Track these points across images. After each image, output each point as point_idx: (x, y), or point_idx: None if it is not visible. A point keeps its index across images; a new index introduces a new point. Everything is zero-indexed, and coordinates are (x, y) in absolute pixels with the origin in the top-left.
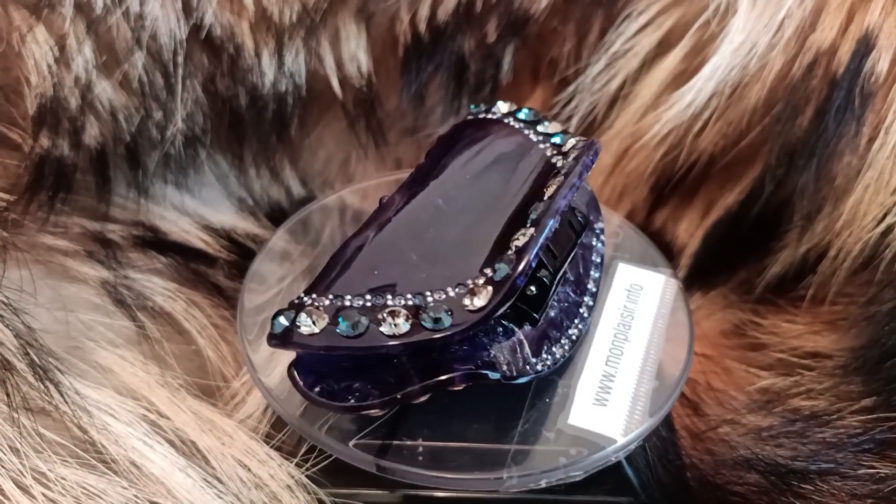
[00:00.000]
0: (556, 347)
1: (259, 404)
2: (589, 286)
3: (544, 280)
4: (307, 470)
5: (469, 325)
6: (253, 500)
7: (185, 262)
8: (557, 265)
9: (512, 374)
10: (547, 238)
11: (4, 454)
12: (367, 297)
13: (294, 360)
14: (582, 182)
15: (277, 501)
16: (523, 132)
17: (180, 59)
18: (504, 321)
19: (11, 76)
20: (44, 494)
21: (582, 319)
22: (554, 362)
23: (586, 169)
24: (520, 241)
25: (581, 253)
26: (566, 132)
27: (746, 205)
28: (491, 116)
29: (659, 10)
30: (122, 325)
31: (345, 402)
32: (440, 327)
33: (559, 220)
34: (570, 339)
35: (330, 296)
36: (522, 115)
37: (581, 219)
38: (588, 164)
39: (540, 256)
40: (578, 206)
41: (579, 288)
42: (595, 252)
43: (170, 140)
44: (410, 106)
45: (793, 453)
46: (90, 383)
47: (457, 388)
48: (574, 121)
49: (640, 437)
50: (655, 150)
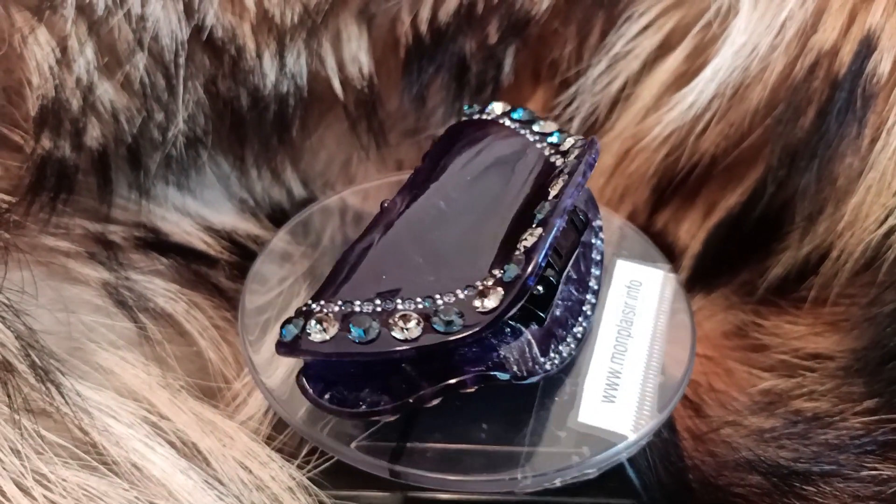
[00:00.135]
0: (562, 346)
1: (260, 406)
2: (591, 284)
3: (551, 279)
4: (308, 472)
5: (482, 327)
6: (254, 502)
7: (187, 263)
8: (562, 264)
9: (522, 375)
10: (555, 238)
11: (5, 456)
12: (377, 301)
13: (302, 369)
14: (586, 180)
15: (278, 503)
16: (519, 132)
17: (182, 61)
18: (511, 321)
19: (13, 77)
20: (45, 496)
21: (585, 317)
22: (561, 361)
23: (589, 167)
24: (528, 241)
25: (582, 251)
26: (562, 131)
27: (748, 206)
28: (486, 117)
29: (660, 12)
30: (123, 327)
31: (356, 409)
32: (452, 330)
33: (566, 220)
34: (576, 338)
35: (339, 302)
36: (517, 115)
37: (583, 217)
38: (591, 162)
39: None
40: (578, 204)
41: (582, 286)
42: (595, 250)
43: (171, 141)
44: (412, 107)
45: (795, 455)
46: (91, 385)
47: (469, 390)
48: (575, 122)
49: (651, 433)
50: (657, 152)
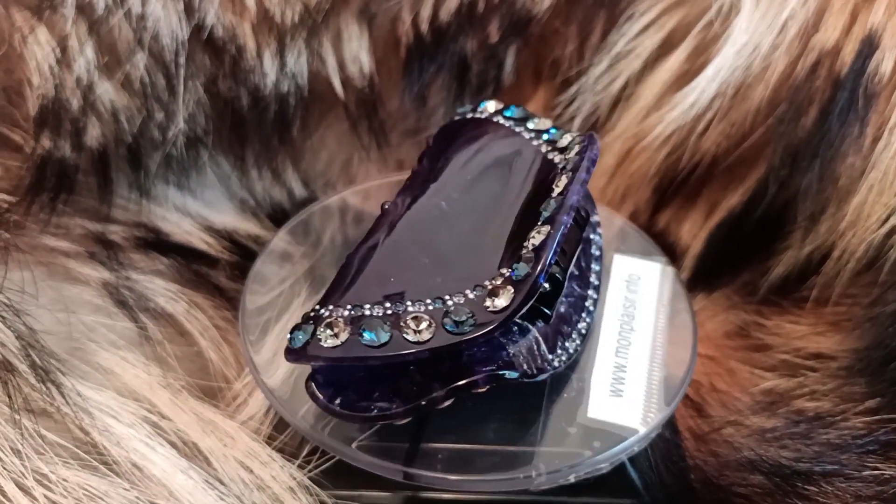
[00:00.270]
0: (568, 342)
1: (261, 406)
2: (591, 279)
3: (556, 276)
4: (309, 472)
5: (494, 327)
6: (255, 502)
7: (187, 263)
8: (567, 260)
9: (532, 372)
10: (563, 235)
11: (6, 456)
12: (386, 304)
13: (310, 375)
14: (590, 176)
15: (279, 503)
16: (514, 130)
17: (182, 60)
18: (518, 320)
19: (13, 77)
20: (45, 496)
21: (588, 313)
22: (568, 357)
23: (592, 163)
24: (535, 239)
25: (582, 247)
26: (557, 127)
27: (750, 206)
28: (479, 116)
29: (661, 11)
30: (123, 327)
31: (367, 413)
32: (464, 330)
33: (573, 216)
34: (580, 333)
35: (348, 306)
36: (510, 112)
37: (583, 213)
38: (593, 158)
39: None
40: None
41: (583, 282)
42: (594, 245)
43: (171, 141)
44: (413, 107)
45: (797, 455)
46: (92, 385)
47: (480, 390)
48: (576, 122)
49: (660, 426)
50: (658, 151)
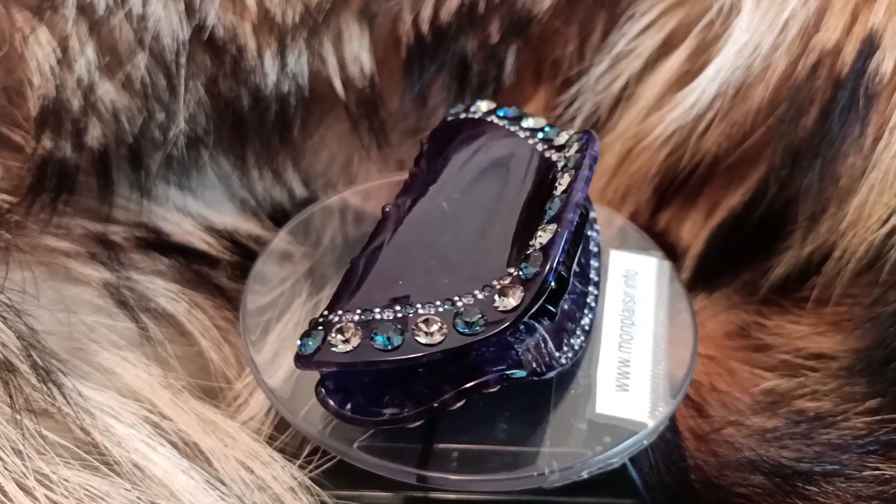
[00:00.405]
0: (573, 339)
1: (262, 406)
2: (591, 276)
3: (561, 273)
4: (310, 472)
5: (506, 326)
6: (256, 502)
7: (188, 263)
8: (570, 258)
9: (541, 370)
10: (570, 233)
11: (7, 456)
12: (396, 308)
13: (319, 381)
14: (592, 174)
15: (280, 503)
16: (509, 129)
17: (183, 61)
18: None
19: (14, 78)
20: (46, 496)
21: (590, 309)
22: (574, 354)
23: (594, 161)
24: (542, 237)
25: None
26: (552, 125)
27: (750, 206)
28: (472, 116)
29: (662, 11)
30: (124, 327)
31: (380, 417)
32: (476, 331)
33: (578, 214)
34: (584, 330)
35: (357, 311)
36: (503, 112)
37: (583, 210)
38: (595, 155)
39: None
40: None
41: (583, 278)
42: (592, 241)
43: (172, 141)
44: (413, 107)
45: (797, 455)
46: (93, 385)
47: (491, 389)
48: (577, 122)
49: (668, 419)
50: (659, 151)
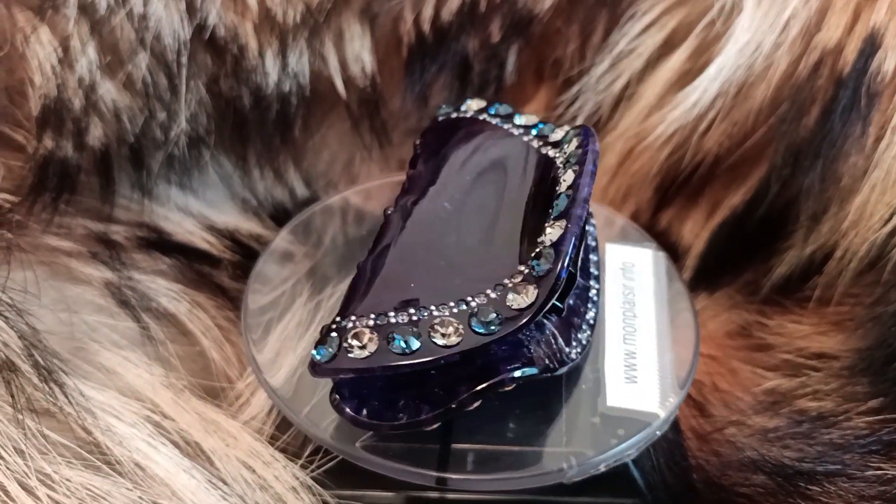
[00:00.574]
0: (580, 334)
1: (263, 405)
2: (591, 270)
3: (570, 269)
4: (312, 471)
5: (523, 323)
6: (258, 502)
7: (189, 263)
8: (576, 252)
9: (554, 366)
10: (580, 228)
11: (9, 456)
12: (410, 311)
13: (333, 388)
14: (597, 168)
15: (282, 503)
16: (503, 127)
17: (184, 60)
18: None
19: (15, 77)
20: (48, 496)
21: (593, 303)
22: (582, 349)
23: (596, 155)
24: (552, 234)
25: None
26: (545, 122)
27: (752, 205)
28: (464, 115)
29: (663, 10)
30: (126, 327)
31: (397, 421)
32: (492, 330)
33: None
34: (589, 324)
35: (371, 315)
36: (495, 110)
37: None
38: (596, 149)
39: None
40: None
41: (584, 272)
42: (590, 236)
43: (173, 141)
44: (414, 106)
45: (799, 454)
46: (94, 385)
47: (507, 388)
48: (578, 121)
49: (677, 408)
50: (660, 151)
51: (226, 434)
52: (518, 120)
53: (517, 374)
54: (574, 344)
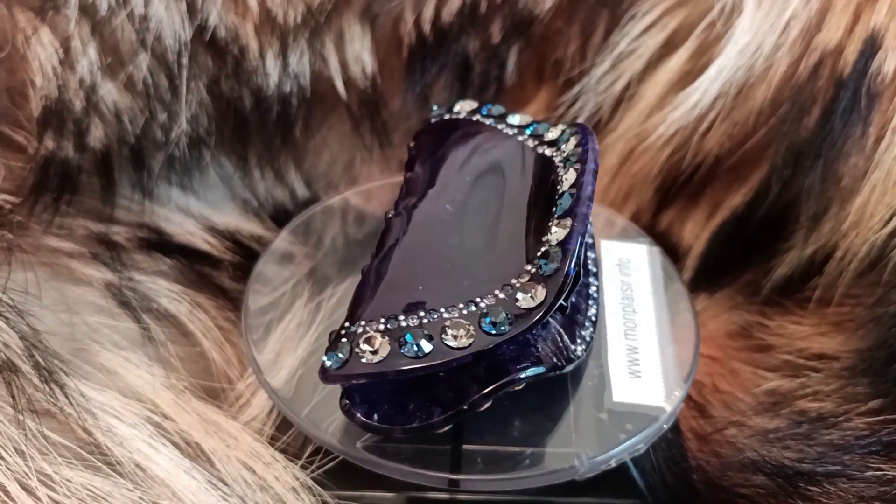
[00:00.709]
0: (584, 331)
1: (264, 406)
2: (590, 267)
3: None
4: (312, 472)
5: (534, 322)
6: (258, 503)
7: (190, 263)
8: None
9: (562, 364)
10: (586, 226)
11: (10, 456)
12: (420, 314)
13: (343, 394)
14: (598, 167)
15: (282, 503)
16: (497, 128)
17: (185, 61)
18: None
19: (16, 78)
20: (49, 497)
21: (594, 300)
22: (587, 345)
23: (596, 153)
24: (558, 233)
25: None
26: (538, 121)
27: (752, 206)
28: (456, 116)
29: (664, 11)
30: (126, 327)
31: (409, 424)
32: (503, 330)
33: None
34: (591, 321)
35: (381, 319)
36: (487, 110)
37: None
38: (596, 147)
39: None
40: None
41: (584, 269)
42: (587, 234)
43: (174, 142)
44: (415, 107)
45: (800, 455)
46: (95, 385)
47: (518, 387)
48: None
49: (682, 402)
50: (661, 152)
51: (226, 435)
52: (511, 120)
53: (526, 373)
54: (579, 341)
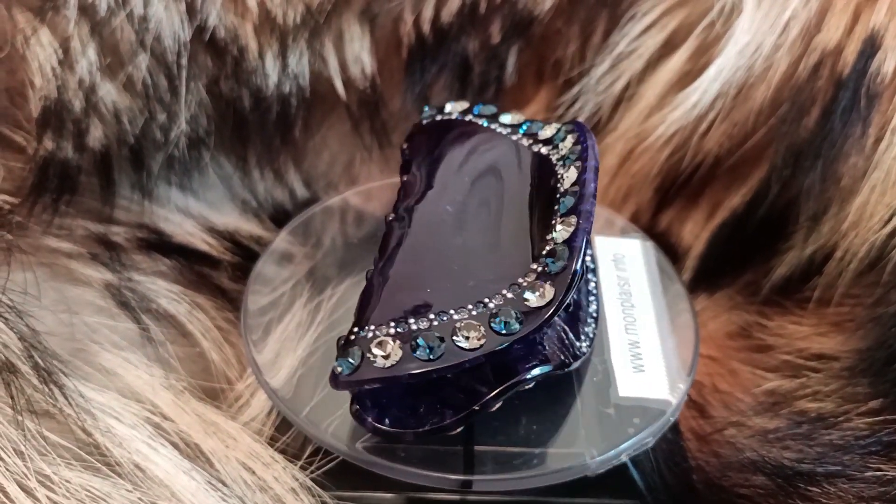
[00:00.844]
0: (587, 327)
1: (263, 406)
2: (588, 263)
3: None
4: (312, 472)
5: (544, 321)
6: (257, 503)
7: (189, 264)
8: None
9: (569, 361)
10: (590, 223)
11: (9, 457)
12: (430, 316)
13: (354, 399)
14: (599, 163)
15: None
16: (491, 127)
17: (184, 61)
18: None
19: (16, 78)
20: (48, 497)
21: (594, 296)
22: (590, 342)
23: (595, 150)
24: (563, 231)
25: None
26: (531, 120)
27: (752, 206)
28: (448, 118)
29: (663, 11)
30: (126, 328)
31: (421, 428)
32: (514, 330)
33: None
34: (592, 317)
35: (391, 323)
36: (479, 110)
37: None
38: (594, 144)
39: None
40: None
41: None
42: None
43: (174, 142)
44: (414, 107)
45: (799, 455)
46: (94, 386)
47: (527, 386)
48: None
49: (686, 395)
50: (660, 152)
51: (225, 435)
52: (504, 119)
53: (535, 371)
54: (583, 337)
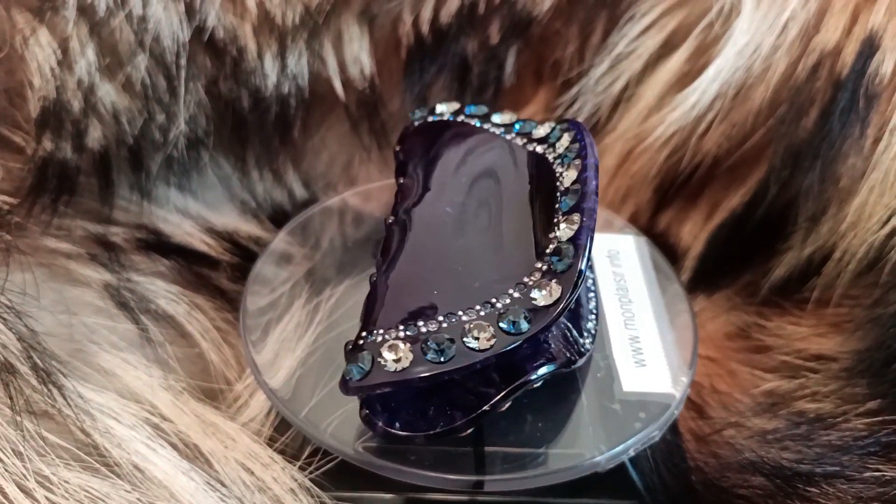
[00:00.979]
0: (588, 324)
1: (262, 407)
2: None
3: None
4: (310, 473)
5: (552, 319)
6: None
7: (188, 264)
8: None
9: (574, 358)
10: (594, 221)
11: (8, 458)
12: (439, 318)
13: (363, 403)
14: (598, 160)
15: None
16: (484, 128)
17: (183, 62)
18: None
19: (15, 79)
20: (47, 498)
21: (592, 292)
22: (593, 338)
23: (594, 147)
24: (567, 230)
25: None
26: (524, 119)
27: (751, 207)
28: (441, 119)
29: (662, 12)
30: (125, 329)
31: (432, 430)
32: (522, 330)
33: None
34: (593, 313)
35: (399, 327)
36: (470, 111)
37: None
38: (592, 142)
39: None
40: None
41: None
42: None
43: (172, 142)
44: (413, 108)
45: (798, 456)
46: (93, 386)
47: (535, 385)
48: None
49: (688, 388)
50: (659, 152)
51: (224, 436)
52: (496, 119)
53: (542, 370)
54: (585, 334)
